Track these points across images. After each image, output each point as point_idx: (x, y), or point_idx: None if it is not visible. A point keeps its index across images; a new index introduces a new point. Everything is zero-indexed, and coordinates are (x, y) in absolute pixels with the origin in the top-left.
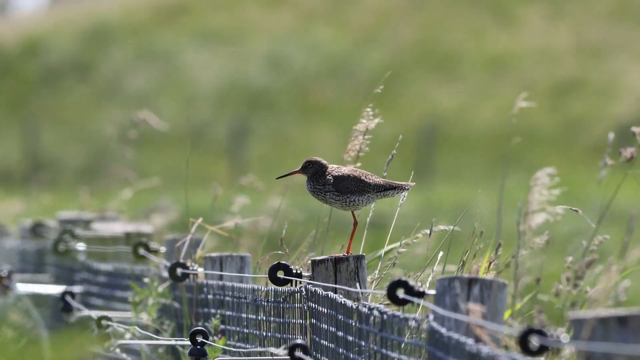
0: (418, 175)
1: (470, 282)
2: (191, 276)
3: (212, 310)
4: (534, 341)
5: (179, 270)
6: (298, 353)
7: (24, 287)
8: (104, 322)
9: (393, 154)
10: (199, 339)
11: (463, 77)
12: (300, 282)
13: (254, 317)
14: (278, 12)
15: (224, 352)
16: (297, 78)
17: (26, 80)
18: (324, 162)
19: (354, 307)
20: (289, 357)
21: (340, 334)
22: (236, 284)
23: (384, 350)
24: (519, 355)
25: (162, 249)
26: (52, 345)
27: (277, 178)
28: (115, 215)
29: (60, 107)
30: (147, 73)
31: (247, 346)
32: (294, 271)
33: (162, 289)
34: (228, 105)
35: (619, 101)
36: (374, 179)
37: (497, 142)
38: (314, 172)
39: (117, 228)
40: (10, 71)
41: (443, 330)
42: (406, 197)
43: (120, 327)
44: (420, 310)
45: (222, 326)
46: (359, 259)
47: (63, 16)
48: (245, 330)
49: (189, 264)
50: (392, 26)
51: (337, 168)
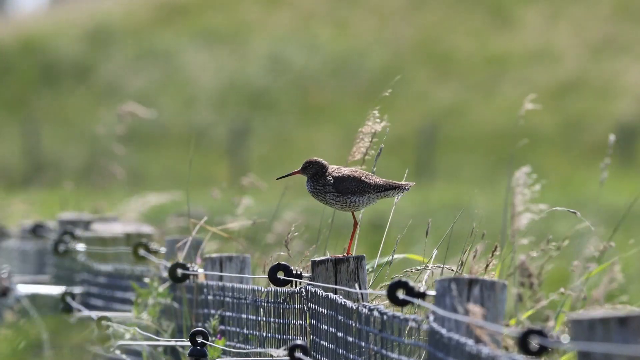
0: (418, 175)
1: (471, 282)
2: (191, 277)
3: (212, 311)
4: (534, 342)
5: (179, 271)
6: (298, 354)
7: (24, 288)
8: (104, 322)
9: (381, 147)
10: (199, 339)
11: (463, 77)
12: (300, 283)
13: (254, 317)
14: (278, 12)
15: (224, 352)
16: (298, 78)
17: (26, 80)
18: (324, 162)
19: (354, 308)
20: (288, 357)
21: (340, 334)
22: (236, 285)
23: (384, 351)
24: (519, 355)
25: (162, 250)
26: (52, 346)
27: (277, 179)
28: (115, 215)
29: (61, 107)
30: (147, 73)
31: (247, 347)
32: (294, 272)
33: (162, 290)
34: (228, 105)
35: (619, 101)
36: (374, 179)
37: (497, 142)
38: (314, 172)
39: (117, 229)
40: (10, 71)
41: (443, 331)
42: (402, 196)
43: (120, 328)
44: (419, 311)
45: (222, 327)
46: (359, 259)
47: (63, 16)
48: (245, 331)
49: (189, 265)
50: (392, 26)
51: (337, 169)
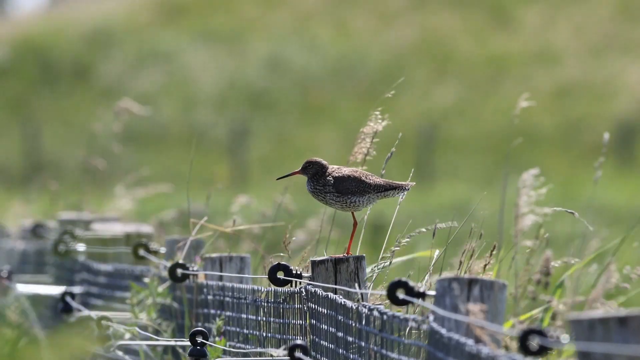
0: (418, 175)
1: (471, 282)
2: (191, 277)
3: (212, 311)
4: (534, 342)
5: (179, 271)
6: (298, 354)
7: (24, 288)
8: (104, 322)
9: (392, 151)
10: (199, 339)
11: (463, 77)
12: (300, 283)
13: (254, 317)
14: (278, 12)
15: (224, 352)
16: (298, 78)
17: (26, 81)
18: (324, 162)
19: (354, 308)
20: (288, 357)
21: (340, 334)
22: (236, 285)
23: (384, 351)
24: (519, 355)
25: (162, 250)
26: (52, 346)
27: (277, 179)
28: (115, 215)
29: (61, 107)
30: (148, 74)
31: (247, 347)
32: (294, 272)
33: (162, 290)
34: (228, 105)
35: (619, 101)
36: (374, 179)
37: (497, 143)
38: (314, 172)
39: (117, 229)
40: (10, 71)
41: (443, 331)
42: (405, 196)
43: (120, 328)
44: (418, 311)
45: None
46: (359, 259)
47: (63, 17)
48: (245, 331)
49: (189, 265)
50: (392, 26)
51: (337, 169)
